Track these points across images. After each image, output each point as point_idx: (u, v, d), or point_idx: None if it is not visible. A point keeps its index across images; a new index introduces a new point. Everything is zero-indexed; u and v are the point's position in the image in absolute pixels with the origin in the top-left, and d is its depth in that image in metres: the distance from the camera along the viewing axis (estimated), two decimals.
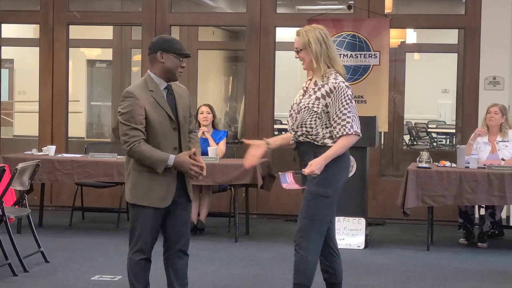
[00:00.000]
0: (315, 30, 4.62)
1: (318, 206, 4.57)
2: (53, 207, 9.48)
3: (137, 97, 4.33)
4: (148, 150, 4.32)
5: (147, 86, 4.42)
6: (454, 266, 6.77)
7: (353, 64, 8.87)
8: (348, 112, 4.51)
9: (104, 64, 16.12)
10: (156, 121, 4.36)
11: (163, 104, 4.40)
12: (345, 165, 4.64)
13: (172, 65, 4.42)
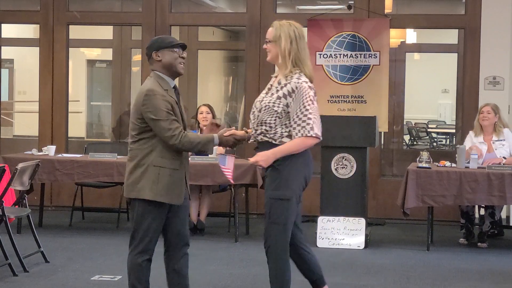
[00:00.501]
0: (290, 26, 4.53)
1: (280, 210, 4.54)
2: (53, 207, 9.48)
3: (162, 93, 4.35)
4: (194, 136, 4.41)
5: (161, 86, 4.40)
6: (454, 266, 6.77)
7: (353, 64, 8.87)
8: (309, 114, 4.40)
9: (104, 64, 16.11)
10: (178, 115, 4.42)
11: (180, 103, 4.48)
12: (300, 166, 4.52)
13: (170, 58, 4.40)
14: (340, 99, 8.89)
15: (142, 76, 9.64)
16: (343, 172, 7.57)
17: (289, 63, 4.48)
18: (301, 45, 4.51)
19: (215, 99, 15.29)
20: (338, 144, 7.55)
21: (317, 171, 8.21)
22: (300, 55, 4.50)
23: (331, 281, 6.13)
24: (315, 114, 4.42)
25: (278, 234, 4.57)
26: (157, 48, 4.41)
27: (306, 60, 4.54)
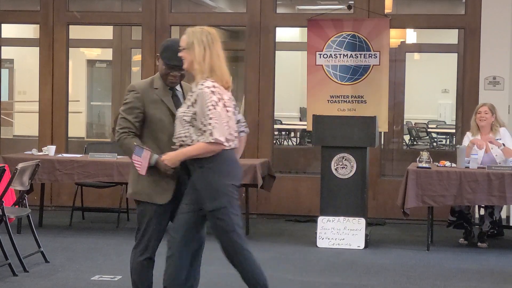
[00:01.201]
0: (203, 33, 4.47)
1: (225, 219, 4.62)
2: (53, 207, 9.48)
3: (140, 91, 4.46)
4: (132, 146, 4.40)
5: (152, 84, 4.51)
6: (454, 266, 6.77)
7: (353, 64, 8.87)
8: (209, 119, 4.32)
9: (104, 64, 16.12)
10: (156, 118, 4.45)
11: (167, 102, 4.48)
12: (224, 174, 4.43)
13: (162, 71, 4.52)
14: (340, 99, 8.89)
15: (142, 76, 9.63)
16: (343, 172, 7.57)
17: (203, 70, 4.42)
18: (215, 50, 4.45)
19: None
20: (338, 144, 7.55)
21: (317, 171, 8.23)
22: (213, 61, 4.44)
23: (331, 281, 6.14)
24: (216, 119, 4.33)
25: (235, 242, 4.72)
26: (160, 53, 4.51)
27: (220, 65, 4.47)
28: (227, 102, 4.42)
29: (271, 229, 8.55)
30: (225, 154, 4.42)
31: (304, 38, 9.43)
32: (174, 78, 4.50)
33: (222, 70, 4.48)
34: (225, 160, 4.43)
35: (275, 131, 13.50)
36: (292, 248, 7.47)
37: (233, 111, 4.48)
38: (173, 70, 4.46)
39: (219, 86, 4.42)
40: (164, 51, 4.50)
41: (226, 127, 4.37)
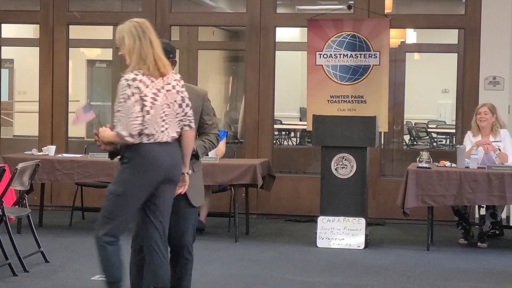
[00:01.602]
0: (131, 24, 4.50)
1: (112, 204, 4.49)
2: (53, 207, 9.48)
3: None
4: None
5: None
6: (454, 266, 6.77)
7: (353, 64, 8.87)
8: (117, 112, 4.36)
9: (104, 64, 16.12)
10: None
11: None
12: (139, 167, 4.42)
13: None
14: (340, 99, 8.89)
15: None
16: (343, 172, 7.57)
17: (133, 61, 4.42)
18: (146, 40, 4.49)
19: (215, 99, 15.27)
20: (338, 144, 7.55)
21: (317, 171, 8.23)
22: (144, 50, 4.46)
23: (331, 281, 6.14)
24: (123, 113, 4.34)
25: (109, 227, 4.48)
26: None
27: (153, 53, 4.49)
28: (148, 95, 4.37)
29: (271, 229, 8.55)
30: (143, 148, 4.40)
31: (304, 38, 9.43)
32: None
33: (155, 58, 4.47)
34: (141, 154, 4.41)
35: (275, 131, 13.51)
36: (292, 248, 7.47)
37: (165, 103, 4.43)
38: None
39: (144, 77, 4.39)
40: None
41: (132, 121, 4.32)
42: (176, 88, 4.51)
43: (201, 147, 4.73)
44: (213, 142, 4.82)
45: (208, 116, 4.79)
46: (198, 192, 4.79)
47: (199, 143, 4.73)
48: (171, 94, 4.47)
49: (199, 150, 4.71)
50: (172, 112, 4.47)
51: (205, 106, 4.77)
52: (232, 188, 7.98)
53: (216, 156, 7.85)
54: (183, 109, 4.52)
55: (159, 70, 4.45)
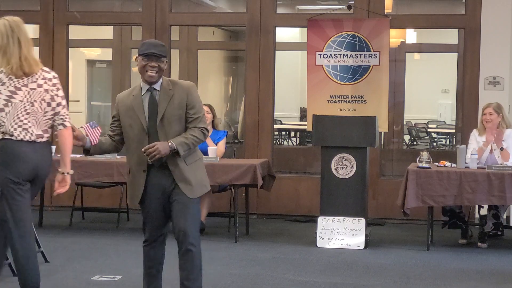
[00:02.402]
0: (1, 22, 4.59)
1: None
2: (53, 207, 9.48)
3: (118, 101, 4.74)
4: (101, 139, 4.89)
5: (132, 91, 4.75)
6: (454, 266, 6.77)
7: (353, 64, 8.87)
8: None
9: (104, 64, 16.10)
10: (126, 124, 4.69)
11: (137, 108, 4.64)
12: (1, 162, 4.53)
13: (139, 66, 4.64)
14: (340, 99, 8.89)
15: None
16: (343, 172, 7.57)
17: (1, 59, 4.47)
18: (14, 39, 4.53)
19: (215, 99, 15.29)
20: (338, 144, 7.55)
21: (317, 171, 8.23)
22: (10, 50, 4.51)
23: (331, 281, 6.14)
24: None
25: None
26: (138, 52, 4.66)
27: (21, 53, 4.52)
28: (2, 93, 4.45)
29: (271, 229, 8.55)
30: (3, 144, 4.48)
31: (304, 38, 9.43)
32: (152, 69, 4.59)
33: (21, 58, 4.51)
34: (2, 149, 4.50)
35: (275, 131, 13.50)
36: (292, 248, 7.47)
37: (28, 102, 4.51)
38: (150, 61, 4.57)
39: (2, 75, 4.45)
40: (140, 46, 4.65)
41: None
42: (44, 86, 4.58)
43: (182, 144, 4.61)
44: (197, 137, 4.67)
45: (193, 110, 4.68)
46: (193, 184, 4.69)
47: (179, 140, 4.61)
48: (36, 92, 4.54)
49: (180, 147, 4.60)
50: (39, 111, 4.52)
51: (189, 99, 4.68)
52: (232, 188, 7.98)
53: (216, 156, 7.85)
54: (53, 108, 4.62)
55: (24, 70, 4.51)
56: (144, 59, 4.59)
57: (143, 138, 4.64)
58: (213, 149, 7.95)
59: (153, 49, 4.58)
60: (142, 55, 4.59)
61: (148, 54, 4.57)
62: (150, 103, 4.65)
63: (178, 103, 4.63)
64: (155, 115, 4.63)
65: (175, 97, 4.64)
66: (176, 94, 4.65)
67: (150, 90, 4.68)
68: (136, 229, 8.31)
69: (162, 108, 4.62)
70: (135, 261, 6.67)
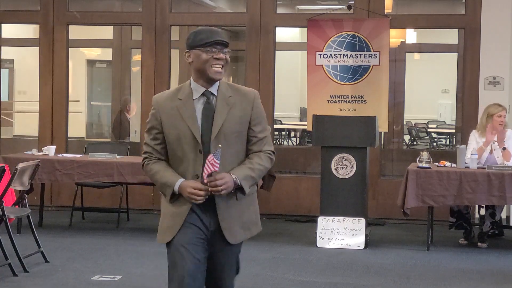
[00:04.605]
0: None
1: None
2: (53, 207, 9.48)
3: (156, 107, 3.53)
4: (158, 170, 3.51)
5: (177, 93, 3.53)
6: (454, 266, 6.77)
7: (353, 64, 8.87)
8: None
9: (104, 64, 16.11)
10: (172, 138, 3.49)
11: (187, 117, 3.46)
12: None
13: (199, 62, 3.46)
14: (340, 99, 8.89)
15: (142, 76, 9.63)
16: (343, 172, 7.57)
17: None
18: None
19: None
20: (338, 144, 7.55)
21: (317, 171, 8.23)
22: None
23: (331, 281, 6.14)
24: None
25: None
26: (188, 46, 3.50)
27: None
28: None
29: (271, 229, 8.54)
30: None
31: (304, 38, 9.43)
32: (218, 63, 3.48)
33: None
34: None
35: (275, 131, 13.50)
36: (292, 248, 7.47)
37: None
38: (217, 51, 3.46)
39: None
40: (194, 36, 3.48)
41: None
42: None
43: (248, 178, 3.47)
44: (265, 167, 3.54)
45: (259, 127, 3.54)
46: (239, 227, 3.53)
47: (244, 172, 3.47)
48: None
49: (245, 183, 3.47)
50: None
51: (254, 113, 3.53)
52: None
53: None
54: None
55: None
56: (205, 51, 3.43)
57: (194, 158, 3.47)
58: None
59: (217, 36, 3.45)
60: (202, 46, 3.43)
61: (212, 43, 3.44)
62: (205, 111, 3.47)
63: (240, 116, 3.49)
64: (209, 128, 3.46)
65: (236, 108, 3.49)
66: (238, 103, 3.51)
67: (206, 95, 3.50)
68: (136, 229, 8.31)
69: (219, 120, 3.45)
70: (135, 261, 6.68)
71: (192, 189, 3.40)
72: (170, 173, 3.49)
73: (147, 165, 3.58)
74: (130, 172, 7.74)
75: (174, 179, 3.46)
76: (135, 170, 7.72)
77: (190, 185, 3.41)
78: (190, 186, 3.40)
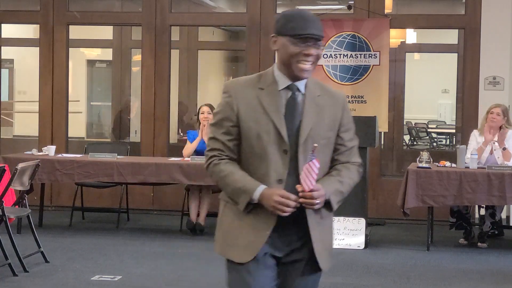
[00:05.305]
0: None
1: None
2: (53, 207, 9.48)
3: (233, 93, 2.93)
4: (230, 172, 2.91)
5: (258, 81, 2.95)
6: (454, 266, 6.77)
7: (353, 64, 8.87)
8: None
9: (104, 64, 16.10)
10: (253, 133, 2.89)
11: (271, 111, 2.89)
12: None
13: (285, 54, 2.87)
14: None
15: (142, 76, 9.63)
16: None
17: None
18: None
19: (215, 99, 15.26)
20: None
21: None
22: None
23: (331, 281, 6.13)
24: None
25: None
26: (277, 31, 2.92)
27: None
28: None
29: None
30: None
31: None
32: (307, 59, 2.86)
33: None
34: None
35: None
36: None
37: None
38: (307, 47, 2.84)
39: None
40: (286, 21, 2.89)
41: None
42: None
43: (337, 193, 2.95)
44: (354, 181, 3.03)
45: (348, 134, 3.03)
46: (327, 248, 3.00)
47: (334, 186, 2.94)
48: None
49: (334, 198, 2.94)
50: None
51: (345, 117, 3.02)
52: None
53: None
54: None
55: None
56: (294, 43, 2.84)
57: (278, 159, 2.88)
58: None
59: (313, 28, 2.84)
60: (292, 36, 2.85)
61: (306, 36, 2.84)
62: (289, 108, 2.91)
63: (330, 120, 2.97)
64: (293, 128, 2.90)
65: (325, 110, 2.96)
66: (327, 105, 2.98)
67: (291, 89, 2.93)
68: (136, 229, 8.31)
69: (308, 122, 2.91)
70: (135, 261, 6.68)
71: (281, 198, 2.80)
72: (247, 177, 2.89)
73: (215, 165, 2.94)
74: (130, 172, 7.74)
75: (253, 184, 2.86)
76: (135, 170, 7.73)
77: (277, 193, 2.81)
78: (277, 194, 2.81)
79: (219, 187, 2.98)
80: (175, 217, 8.56)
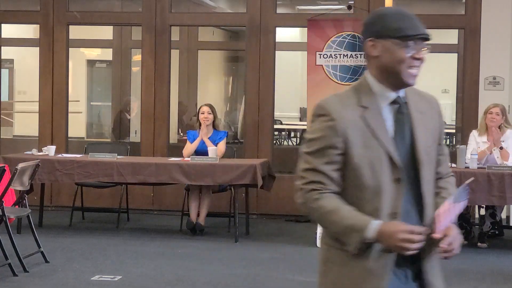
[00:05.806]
0: None
1: None
2: (53, 207, 9.48)
3: (335, 117, 2.47)
4: (336, 208, 2.47)
5: (357, 97, 2.52)
6: (454, 266, 6.76)
7: (353, 64, 8.86)
8: None
9: (104, 64, 16.10)
10: (363, 162, 2.47)
11: (381, 134, 2.49)
12: None
13: (392, 59, 2.50)
14: None
15: (142, 76, 9.63)
16: None
17: None
18: None
19: (215, 99, 15.28)
20: None
21: None
22: None
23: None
24: None
25: None
26: (374, 33, 2.52)
27: None
28: None
29: (271, 229, 8.55)
30: None
31: (304, 38, 9.43)
32: (417, 64, 2.59)
33: None
34: None
35: (275, 131, 13.50)
36: (292, 248, 7.46)
37: None
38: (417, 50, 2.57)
39: None
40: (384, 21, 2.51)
41: None
42: None
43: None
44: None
45: (443, 142, 2.70)
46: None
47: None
48: None
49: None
50: None
51: (442, 124, 2.68)
52: (232, 188, 7.98)
53: (216, 156, 7.85)
54: None
55: None
56: (403, 46, 2.50)
57: (391, 190, 2.47)
58: (213, 149, 7.94)
59: (421, 28, 2.53)
60: (399, 39, 2.49)
61: (417, 37, 2.54)
62: (398, 126, 2.52)
63: (433, 129, 2.61)
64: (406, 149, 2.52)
65: (427, 119, 2.59)
66: (427, 112, 2.61)
67: (398, 102, 2.54)
68: (136, 229, 8.31)
69: (422, 138, 2.54)
70: (135, 261, 6.68)
71: (407, 235, 2.36)
72: (356, 212, 2.45)
73: (315, 201, 2.48)
74: (130, 172, 7.74)
75: (365, 220, 2.41)
76: (135, 170, 7.73)
77: (401, 228, 2.37)
78: (402, 230, 2.36)
79: (322, 227, 2.57)
80: (175, 217, 8.56)
